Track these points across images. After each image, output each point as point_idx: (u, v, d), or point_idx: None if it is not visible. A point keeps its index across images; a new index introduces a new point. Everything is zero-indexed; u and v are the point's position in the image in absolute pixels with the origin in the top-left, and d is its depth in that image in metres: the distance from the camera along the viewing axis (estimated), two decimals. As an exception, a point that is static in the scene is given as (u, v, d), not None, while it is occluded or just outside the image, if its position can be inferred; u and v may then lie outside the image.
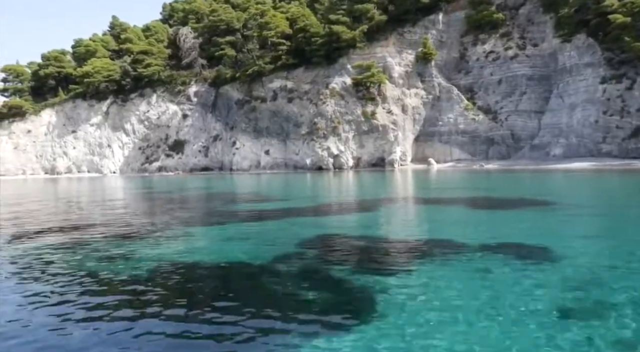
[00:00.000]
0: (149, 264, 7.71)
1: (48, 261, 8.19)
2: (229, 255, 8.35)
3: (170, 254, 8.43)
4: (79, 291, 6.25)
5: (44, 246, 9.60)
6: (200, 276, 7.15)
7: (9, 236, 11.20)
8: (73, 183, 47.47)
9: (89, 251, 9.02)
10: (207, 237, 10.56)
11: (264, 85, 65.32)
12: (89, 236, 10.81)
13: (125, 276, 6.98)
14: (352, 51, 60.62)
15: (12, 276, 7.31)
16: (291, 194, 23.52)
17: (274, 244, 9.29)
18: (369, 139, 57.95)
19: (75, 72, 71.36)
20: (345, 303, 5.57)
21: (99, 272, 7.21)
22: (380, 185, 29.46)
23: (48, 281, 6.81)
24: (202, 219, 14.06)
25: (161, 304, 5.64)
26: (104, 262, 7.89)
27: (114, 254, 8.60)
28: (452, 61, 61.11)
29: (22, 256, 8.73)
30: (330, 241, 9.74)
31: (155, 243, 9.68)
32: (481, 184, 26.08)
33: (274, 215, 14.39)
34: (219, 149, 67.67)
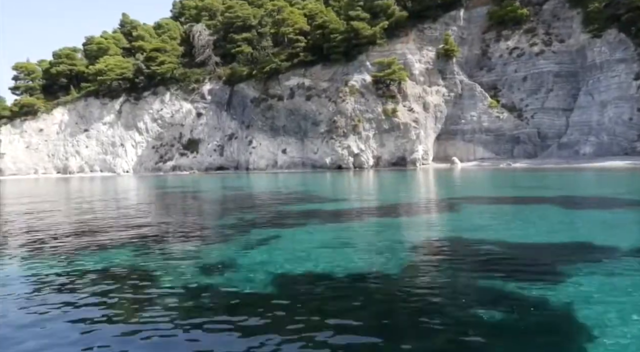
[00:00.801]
0: (253, 274, 6.56)
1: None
2: (345, 264, 7.12)
3: (279, 263, 7.26)
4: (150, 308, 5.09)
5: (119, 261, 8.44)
6: (326, 289, 5.91)
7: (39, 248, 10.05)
8: (93, 183, 46.39)
9: (177, 260, 7.87)
10: (300, 242, 9.38)
11: (281, 82, 64.17)
12: (165, 244, 9.65)
13: (237, 288, 5.83)
14: (372, 48, 59.46)
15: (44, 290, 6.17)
16: (341, 193, 22.29)
17: (384, 251, 8.07)
18: (390, 138, 56.73)
19: (88, 70, 70.31)
20: (543, 324, 4.39)
21: (192, 288, 6.05)
22: (422, 183, 28.25)
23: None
24: (273, 220, 12.88)
25: (287, 324, 4.50)
26: (190, 272, 6.74)
27: (211, 261, 7.44)
28: (474, 58, 59.88)
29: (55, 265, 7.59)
30: (446, 246, 8.56)
31: (244, 248, 8.51)
32: (537, 182, 24.81)
33: (348, 216, 13.22)
34: (234, 148, 66.53)
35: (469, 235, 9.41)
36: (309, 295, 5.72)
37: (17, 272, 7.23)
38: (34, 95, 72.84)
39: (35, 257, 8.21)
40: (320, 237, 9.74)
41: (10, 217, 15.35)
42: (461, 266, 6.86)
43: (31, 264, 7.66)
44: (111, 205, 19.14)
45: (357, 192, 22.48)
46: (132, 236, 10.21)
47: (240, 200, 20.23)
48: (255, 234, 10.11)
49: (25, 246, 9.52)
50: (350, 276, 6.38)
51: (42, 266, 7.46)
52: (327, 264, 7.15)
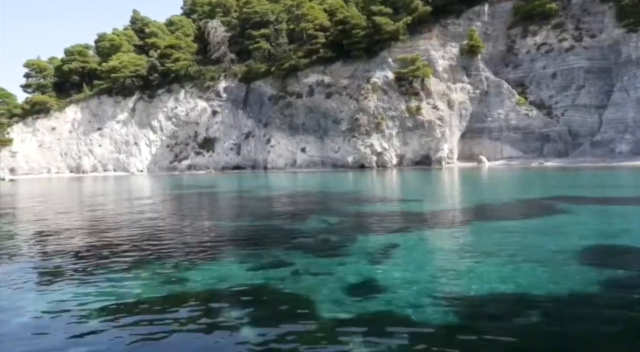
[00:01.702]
0: (406, 294, 5.16)
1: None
2: (514, 278, 5.72)
3: (426, 279, 5.86)
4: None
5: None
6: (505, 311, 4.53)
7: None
8: (108, 183, 45.02)
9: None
10: (428, 251, 7.95)
11: (299, 80, 62.74)
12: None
13: (399, 312, 4.41)
14: (394, 44, 58.01)
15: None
16: (406, 193, 20.87)
17: (539, 260, 6.69)
18: (414, 136, 55.27)
19: (101, 67, 68.90)
20: None
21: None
22: (474, 183, 26.81)
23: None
24: (368, 225, 11.47)
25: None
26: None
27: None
28: (499, 54, 58.38)
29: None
30: (603, 254, 7.26)
31: (371, 261, 7.09)
32: (600, 181, 23.40)
33: (448, 218, 11.82)
34: (251, 147, 65.11)
35: (614, 240, 8.11)
36: (483, 317, 4.47)
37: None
38: (45, 93, 71.47)
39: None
40: (444, 245, 8.35)
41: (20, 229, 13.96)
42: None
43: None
44: (154, 212, 17.72)
45: (422, 192, 21.02)
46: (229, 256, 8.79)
47: (303, 201, 18.78)
48: (365, 242, 8.69)
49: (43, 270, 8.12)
50: (527, 294, 5.07)
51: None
52: (483, 278, 5.84)
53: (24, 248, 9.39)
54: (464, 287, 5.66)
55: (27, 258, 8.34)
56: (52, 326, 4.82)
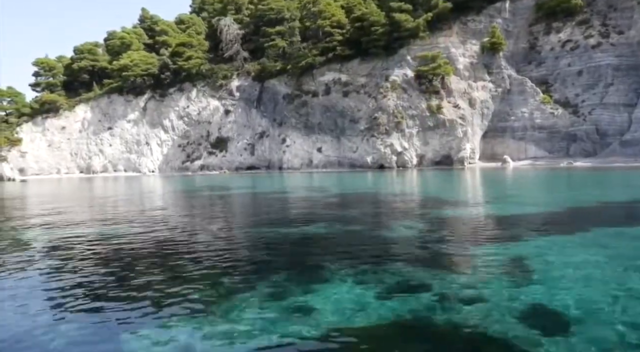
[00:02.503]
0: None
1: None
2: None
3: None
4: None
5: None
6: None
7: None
8: (122, 184, 43.71)
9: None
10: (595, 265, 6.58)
11: (315, 78, 61.41)
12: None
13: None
14: (413, 41, 56.72)
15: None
16: (472, 194, 19.51)
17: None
18: (434, 135, 53.92)
19: (112, 66, 67.61)
20: None
21: None
22: (524, 183, 25.42)
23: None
24: (483, 233, 10.11)
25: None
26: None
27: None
28: (521, 52, 56.98)
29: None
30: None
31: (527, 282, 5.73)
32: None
33: (560, 224, 10.45)
34: (266, 147, 63.74)
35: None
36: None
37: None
38: (55, 92, 70.18)
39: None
40: (588, 255, 6.94)
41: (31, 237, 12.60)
42: None
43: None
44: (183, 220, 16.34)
45: (481, 193, 19.65)
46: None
47: (359, 203, 17.39)
48: (486, 254, 7.27)
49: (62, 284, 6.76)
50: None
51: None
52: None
53: (42, 259, 8.04)
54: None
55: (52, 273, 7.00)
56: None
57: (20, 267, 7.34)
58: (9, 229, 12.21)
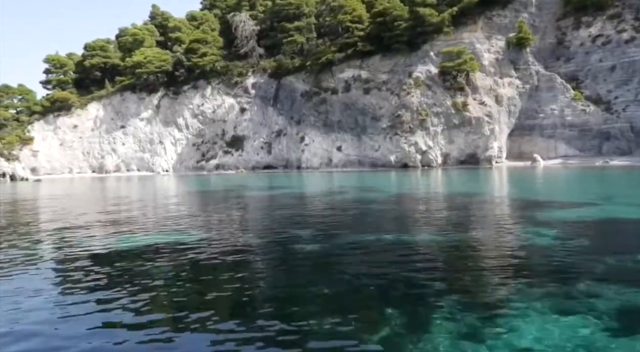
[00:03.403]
0: None
1: None
2: None
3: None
4: None
5: None
6: None
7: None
8: (139, 185, 42.16)
9: None
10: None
11: (334, 75, 59.80)
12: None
13: None
14: (436, 37, 55.08)
15: None
16: (557, 194, 17.87)
17: None
18: (460, 134, 52.27)
19: (125, 63, 66.09)
20: None
21: None
22: (585, 183, 23.77)
23: None
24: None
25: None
26: None
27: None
28: (548, 47, 55.23)
29: None
30: None
31: None
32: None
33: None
34: (283, 146, 62.15)
35: None
36: None
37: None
38: (66, 89, 68.67)
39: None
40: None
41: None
42: None
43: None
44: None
45: (576, 193, 18.01)
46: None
47: (438, 204, 15.75)
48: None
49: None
50: None
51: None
52: None
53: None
54: None
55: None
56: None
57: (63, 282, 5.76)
58: (32, 235, 10.63)
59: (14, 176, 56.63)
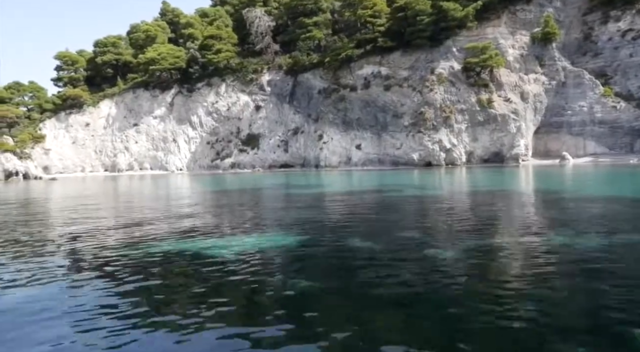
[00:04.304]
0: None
1: None
2: None
3: None
4: None
5: None
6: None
7: None
8: (161, 183, 40.88)
9: None
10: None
11: (353, 71, 58.43)
12: None
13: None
14: (459, 32, 53.72)
15: None
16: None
17: None
18: (484, 131, 50.92)
19: (138, 59, 64.77)
20: None
21: None
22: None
23: None
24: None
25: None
26: None
27: None
28: (573, 43, 53.90)
29: None
30: None
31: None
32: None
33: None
34: (300, 144, 60.80)
35: None
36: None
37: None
38: (77, 86, 67.39)
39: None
40: None
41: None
42: None
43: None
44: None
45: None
46: None
47: (546, 206, 14.43)
48: None
49: None
50: None
51: None
52: None
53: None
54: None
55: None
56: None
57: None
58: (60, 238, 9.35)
59: (27, 174, 55.30)
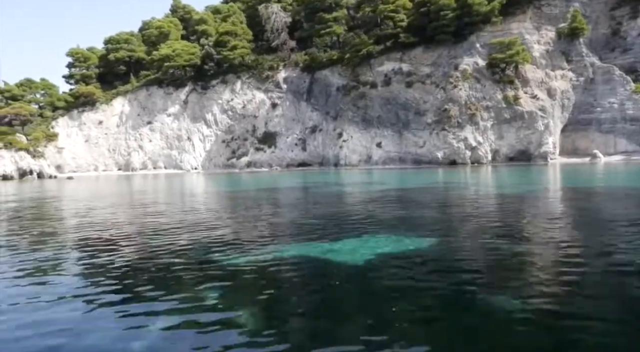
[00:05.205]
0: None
1: None
2: None
3: None
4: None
5: None
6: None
7: None
8: (183, 183, 39.66)
9: None
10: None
11: (372, 68, 57.16)
12: None
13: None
14: (483, 27, 52.48)
15: None
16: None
17: None
18: (510, 129, 49.64)
19: (152, 56, 63.50)
20: None
21: None
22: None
23: None
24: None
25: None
26: None
27: None
28: (601, 38, 52.62)
29: None
30: None
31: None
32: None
33: None
34: (319, 142, 59.55)
35: None
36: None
37: None
38: (89, 84, 66.12)
39: None
40: None
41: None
42: None
43: None
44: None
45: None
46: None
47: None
48: None
49: None
50: None
51: None
52: None
53: None
54: None
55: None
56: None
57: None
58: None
59: (42, 173, 54.06)
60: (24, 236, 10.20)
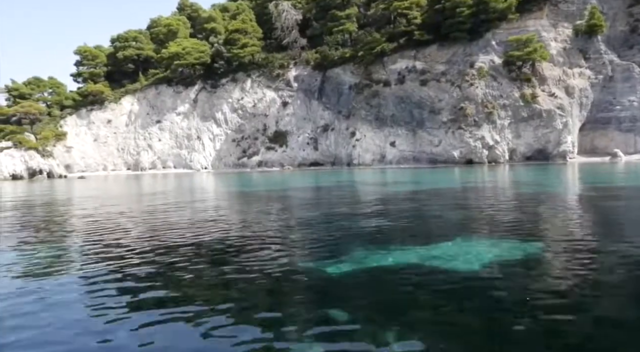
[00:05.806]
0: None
1: None
2: None
3: None
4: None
5: None
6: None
7: None
8: (205, 182, 38.90)
9: None
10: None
11: (385, 66, 56.37)
12: None
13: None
14: (499, 24, 51.71)
15: None
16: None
17: None
18: (528, 127, 48.86)
19: (161, 54, 62.76)
20: None
21: None
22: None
23: None
24: None
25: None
26: None
27: None
28: (619, 36, 51.81)
29: None
30: None
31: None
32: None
33: None
34: (331, 141, 58.80)
35: None
36: None
37: None
38: (97, 82, 65.38)
39: None
40: None
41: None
42: None
43: None
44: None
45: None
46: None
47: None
48: None
49: None
50: None
51: None
52: None
53: None
54: None
55: None
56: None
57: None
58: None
59: (51, 173, 53.33)
60: (54, 232, 9.46)
